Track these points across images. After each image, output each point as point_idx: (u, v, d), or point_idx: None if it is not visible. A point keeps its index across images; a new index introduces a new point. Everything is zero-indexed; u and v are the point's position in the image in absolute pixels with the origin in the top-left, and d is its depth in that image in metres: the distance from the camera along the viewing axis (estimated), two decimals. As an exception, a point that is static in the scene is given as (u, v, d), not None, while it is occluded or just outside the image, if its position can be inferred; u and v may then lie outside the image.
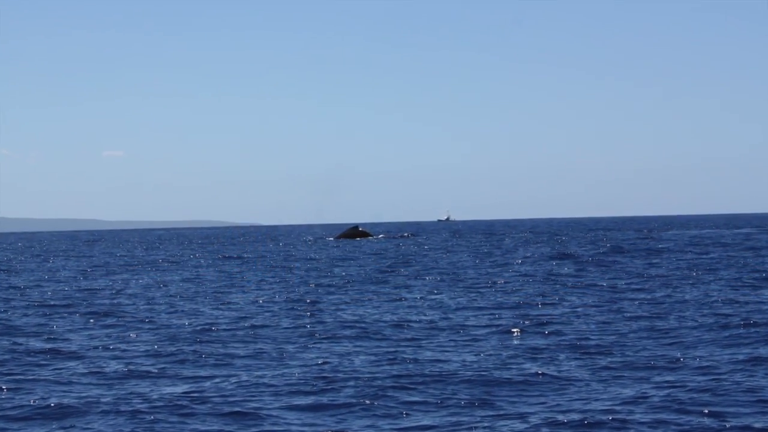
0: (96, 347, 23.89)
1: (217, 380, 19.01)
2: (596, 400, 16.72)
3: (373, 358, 21.30)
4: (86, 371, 20.31)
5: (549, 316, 28.48)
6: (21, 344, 24.57)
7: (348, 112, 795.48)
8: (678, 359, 20.27)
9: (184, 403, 16.86)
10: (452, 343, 23.47)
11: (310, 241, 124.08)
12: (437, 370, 19.52)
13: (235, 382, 18.65)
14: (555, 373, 18.96)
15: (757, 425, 14.86)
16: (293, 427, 15.41)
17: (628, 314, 28.54)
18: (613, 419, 15.29)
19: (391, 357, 21.26)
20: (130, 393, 17.92)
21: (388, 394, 17.30)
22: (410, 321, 28.00)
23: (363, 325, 27.29)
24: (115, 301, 37.05)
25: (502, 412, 16.04)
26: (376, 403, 16.58)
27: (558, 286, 39.80)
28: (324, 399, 17.05)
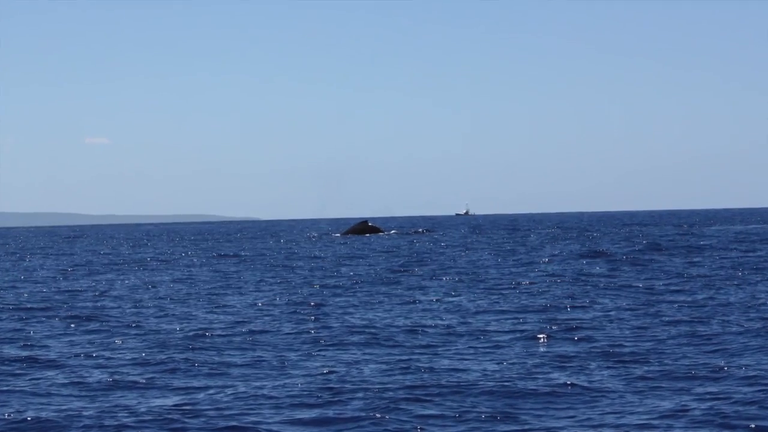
0: (77, 355, 23.96)
1: (211, 391, 19.05)
2: (631, 413, 16.71)
3: (384, 366, 21.32)
4: (66, 381, 20.37)
5: (579, 321, 28.48)
6: (-5, 351, 24.65)
7: (354, 96, 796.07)
8: (721, 368, 20.25)
9: (175, 416, 16.90)
10: (472, 351, 23.49)
11: (314, 237, 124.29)
12: (455, 380, 19.53)
13: (232, 394, 18.69)
14: (585, 384, 18.96)
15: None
16: (295, 444, 15.45)
17: (667, 318, 28.52)
18: (649, 435, 15.28)
19: (404, 366, 21.28)
20: (115, 405, 17.97)
21: (401, 406, 17.32)
22: (425, 326, 28.02)
23: (373, 330, 27.32)
24: (98, 304, 37.15)
25: (527, 427, 16.05)
26: (387, 417, 16.60)
27: (589, 287, 39.79)
28: (329, 412, 17.07)
